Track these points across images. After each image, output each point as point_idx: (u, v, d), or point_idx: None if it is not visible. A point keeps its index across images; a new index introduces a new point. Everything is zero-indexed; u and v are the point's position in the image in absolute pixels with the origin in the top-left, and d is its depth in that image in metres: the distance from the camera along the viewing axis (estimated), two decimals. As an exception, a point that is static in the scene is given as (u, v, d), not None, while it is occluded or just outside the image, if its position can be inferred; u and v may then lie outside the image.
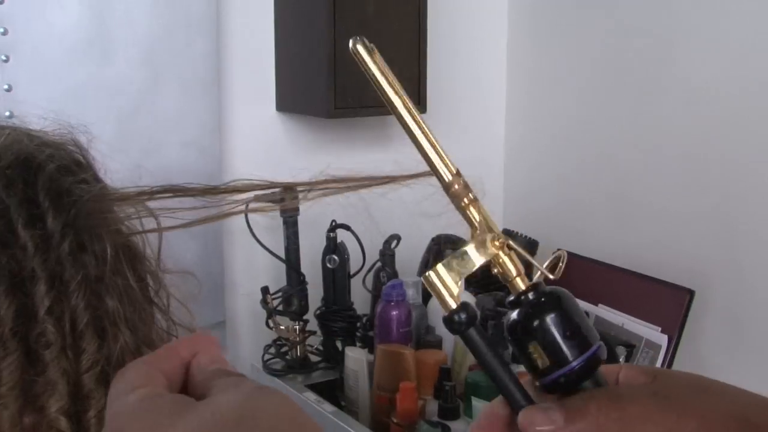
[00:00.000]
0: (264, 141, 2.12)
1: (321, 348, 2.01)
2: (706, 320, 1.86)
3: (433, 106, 2.06)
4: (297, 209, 1.80)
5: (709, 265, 1.86)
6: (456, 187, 0.56)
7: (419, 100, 2.01)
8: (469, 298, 1.91)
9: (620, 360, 1.77)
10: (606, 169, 2.12)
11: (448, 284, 0.53)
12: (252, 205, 0.60)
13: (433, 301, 1.94)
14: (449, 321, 0.53)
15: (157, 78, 1.94)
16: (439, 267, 0.54)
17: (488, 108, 2.40)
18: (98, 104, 1.86)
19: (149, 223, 0.63)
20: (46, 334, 0.58)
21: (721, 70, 1.84)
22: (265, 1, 2.07)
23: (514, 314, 0.55)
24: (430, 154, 0.57)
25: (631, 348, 1.78)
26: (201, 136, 1.99)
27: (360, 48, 0.54)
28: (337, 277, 1.97)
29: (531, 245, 2.12)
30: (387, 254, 2.01)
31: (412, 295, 1.93)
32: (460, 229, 2.10)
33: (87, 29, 1.85)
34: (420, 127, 0.55)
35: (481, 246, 0.55)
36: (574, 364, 0.55)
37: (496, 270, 0.55)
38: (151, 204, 0.62)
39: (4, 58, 1.78)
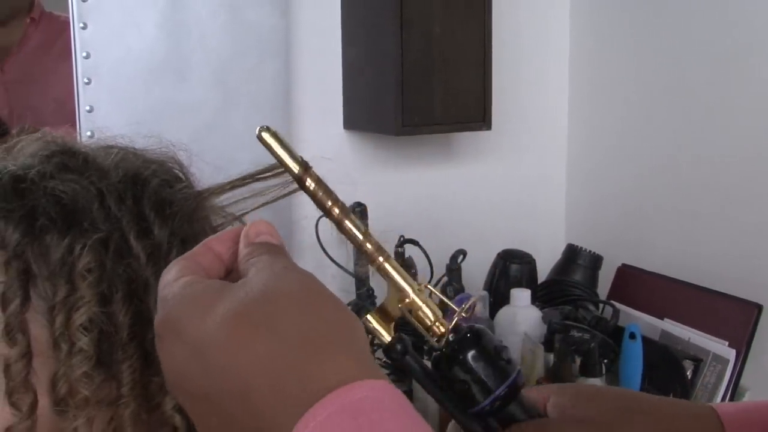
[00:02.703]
0: (332, 158, 2.16)
1: (389, 361, 2.03)
2: (775, 335, 1.84)
3: (497, 123, 2.08)
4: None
5: (777, 279, 1.85)
6: (368, 246, 0.60)
7: (484, 117, 2.04)
8: (536, 312, 1.92)
9: (688, 374, 1.77)
10: (670, 182, 2.12)
11: (381, 328, 0.62)
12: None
13: (500, 315, 1.96)
14: (387, 352, 0.61)
15: (229, 98, 2.00)
16: (369, 316, 0.61)
17: (551, 123, 2.42)
18: (173, 124, 1.92)
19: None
20: None
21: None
22: (334, 21, 2.12)
23: (437, 355, 0.63)
24: (346, 221, 0.62)
25: (698, 362, 1.78)
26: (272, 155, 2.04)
27: (265, 134, 0.60)
28: (404, 291, 2.00)
29: (594, 260, 2.13)
30: (453, 269, 2.03)
31: (480, 309, 1.95)
32: (527, 245, 2.13)
33: (163, 52, 1.92)
34: (324, 188, 0.61)
35: (391, 305, 0.61)
36: (498, 392, 0.61)
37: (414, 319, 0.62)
38: (233, 208, 0.68)
39: (86, 80, 1.85)
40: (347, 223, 0.60)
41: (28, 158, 0.65)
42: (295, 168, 0.59)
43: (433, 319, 0.61)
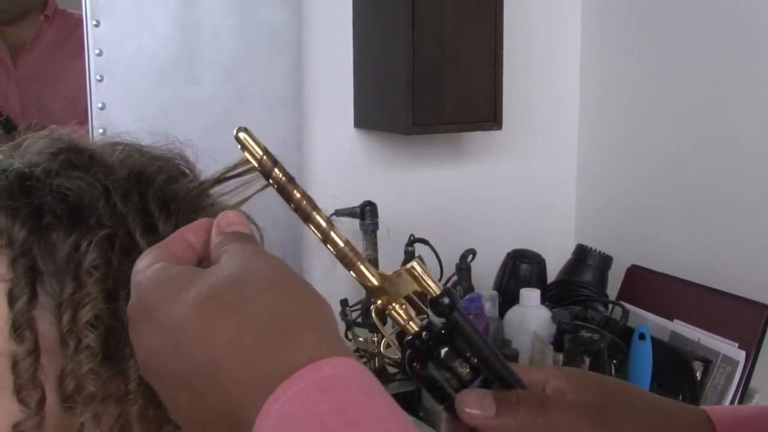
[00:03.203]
0: (342, 157, 2.17)
1: (398, 360, 2.04)
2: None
3: (508, 122, 2.08)
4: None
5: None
6: (337, 240, 0.60)
7: (495, 117, 2.04)
8: (545, 312, 1.93)
9: (697, 375, 1.76)
10: (680, 184, 2.11)
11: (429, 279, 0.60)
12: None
13: (509, 314, 1.96)
14: (433, 305, 0.59)
15: (241, 96, 2.00)
16: (415, 263, 0.61)
17: (561, 124, 2.41)
18: (185, 121, 1.93)
19: None
20: None
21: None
22: (345, 20, 2.13)
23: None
24: (320, 221, 0.61)
25: (707, 363, 1.77)
26: (282, 152, 2.02)
27: (242, 135, 0.61)
28: (414, 290, 2.00)
29: (604, 261, 2.13)
30: (463, 268, 2.03)
31: (489, 308, 1.96)
32: (536, 244, 2.13)
33: (175, 50, 1.93)
34: (302, 193, 0.61)
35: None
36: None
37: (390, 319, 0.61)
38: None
39: (98, 77, 1.86)
40: (316, 216, 0.60)
41: (34, 156, 0.65)
42: (260, 160, 0.60)
43: (406, 318, 0.60)
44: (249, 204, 0.71)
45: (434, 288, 0.60)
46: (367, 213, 1.98)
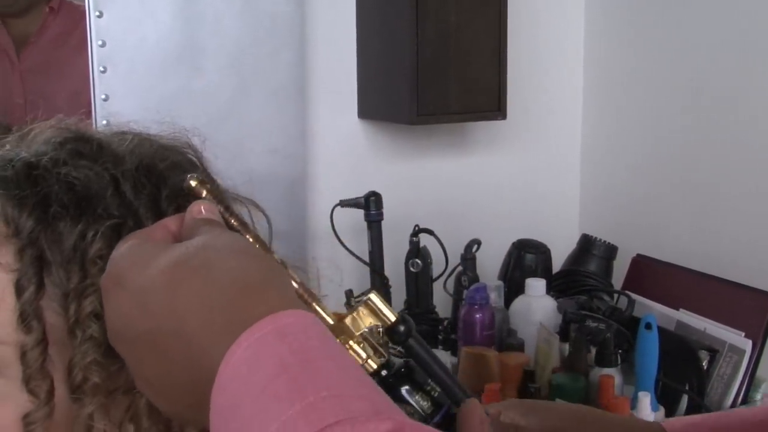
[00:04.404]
0: (346, 147, 2.17)
1: (403, 350, 2.04)
2: (791, 325, 1.83)
3: (512, 112, 2.08)
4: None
5: (794, 269, 1.84)
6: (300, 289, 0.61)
7: (499, 107, 2.03)
8: (551, 302, 1.92)
9: (704, 364, 1.76)
10: (685, 173, 2.11)
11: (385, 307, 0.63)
12: None
13: (515, 304, 1.96)
14: (390, 333, 0.62)
15: (244, 86, 2.00)
16: (373, 295, 0.64)
17: (565, 113, 2.41)
18: (189, 112, 1.92)
19: None
20: None
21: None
22: (348, 10, 2.12)
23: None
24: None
25: (714, 353, 1.77)
26: (286, 143, 2.05)
27: (193, 183, 0.62)
28: (419, 280, 2.00)
29: (609, 251, 2.12)
30: (468, 258, 2.03)
31: (495, 298, 1.95)
32: (541, 234, 2.12)
33: (178, 41, 1.93)
34: (255, 237, 0.62)
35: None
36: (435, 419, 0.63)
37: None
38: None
39: (102, 69, 1.86)
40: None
41: (41, 145, 0.65)
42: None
43: (364, 357, 0.61)
44: (254, 195, 0.71)
45: (391, 317, 0.62)
46: (371, 203, 1.97)
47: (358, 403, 0.47)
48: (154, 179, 0.65)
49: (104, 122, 1.83)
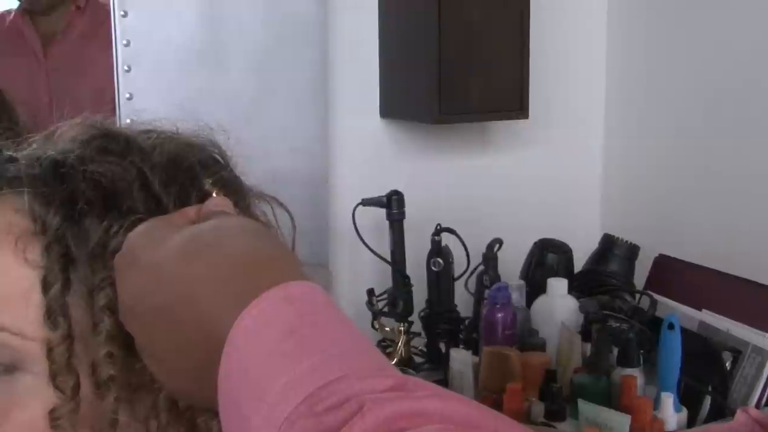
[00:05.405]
0: (368, 147, 2.17)
1: (425, 349, 2.04)
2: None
3: (534, 111, 2.07)
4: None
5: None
6: None
7: (521, 105, 2.03)
8: (573, 302, 1.92)
9: (727, 365, 1.75)
10: (708, 173, 2.09)
11: None
12: None
13: (537, 304, 1.96)
14: None
15: (267, 86, 2.01)
16: None
17: (587, 113, 2.40)
18: (212, 112, 1.92)
19: None
20: None
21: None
22: (371, 10, 2.12)
23: None
24: None
25: (737, 354, 1.76)
26: (309, 143, 2.06)
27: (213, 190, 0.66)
28: (441, 279, 2.00)
29: (631, 250, 2.11)
30: (490, 258, 2.03)
31: (516, 298, 1.95)
32: (563, 234, 2.12)
33: (202, 41, 1.94)
34: None
35: None
36: None
37: None
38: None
39: (126, 68, 1.87)
40: None
41: (68, 143, 0.65)
42: None
43: None
44: (277, 194, 0.71)
45: None
46: (393, 203, 1.98)
47: (362, 361, 0.49)
48: (182, 175, 0.65)
49: (128, 121, 1.84)
